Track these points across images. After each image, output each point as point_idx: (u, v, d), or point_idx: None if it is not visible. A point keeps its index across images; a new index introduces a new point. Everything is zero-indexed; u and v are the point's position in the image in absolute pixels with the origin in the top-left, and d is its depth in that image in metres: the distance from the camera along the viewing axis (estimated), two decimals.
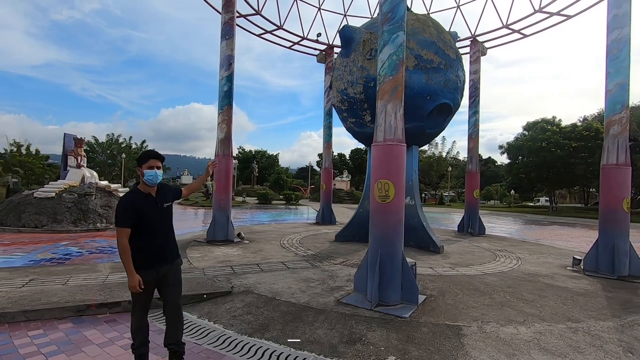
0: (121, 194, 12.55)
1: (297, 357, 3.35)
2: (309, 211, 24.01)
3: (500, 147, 36.97)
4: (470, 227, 12.51)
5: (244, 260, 7.01)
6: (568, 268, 7.35)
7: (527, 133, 33.12)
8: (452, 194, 48.15)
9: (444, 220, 20.35)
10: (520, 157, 33.17)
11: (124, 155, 40.36)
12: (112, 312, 4.36)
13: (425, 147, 43.53)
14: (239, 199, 28.40)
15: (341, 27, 8.64)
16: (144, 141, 48.70)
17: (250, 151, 63.18)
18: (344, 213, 19.70)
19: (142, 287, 2.63)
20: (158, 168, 2.77)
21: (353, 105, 8.72)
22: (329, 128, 14.67)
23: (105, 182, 12.53)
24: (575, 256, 7.53)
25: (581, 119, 35.80)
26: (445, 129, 9.51)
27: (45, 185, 11.52)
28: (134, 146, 46.97)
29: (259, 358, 3.33)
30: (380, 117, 4.69)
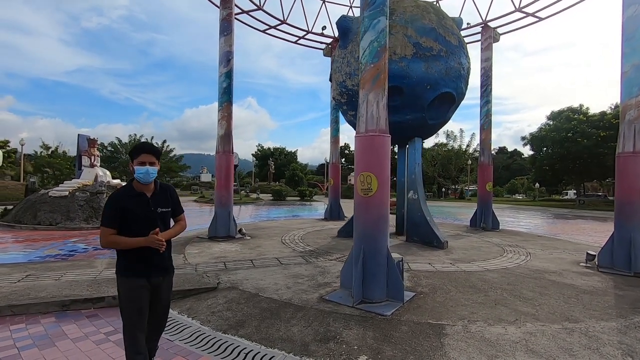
0: None
1: (265, 355, 3.26)
2: (324, 207, 23.88)
3: (523, 138, 35.45)
4: (483, 222, 12.03)
5: (239, 257, 6.99)
6: (581, 264, 6.90)
7: (551, 123, 31.55)
8: (474, 188, 46.76)
9: (459, 214, 19.73)
10: (544, 149, 31.66)
11: None
12: (95, 307, 4.41)
13: (444, 140, 42.40)
14: (253, 195, 28.67)
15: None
16: (164, 141, 49.94)
17: (269, 148, 63.71)
18: None
19: (159, 239, 2.32)
20: (151, 164, 2.39)
21: (352, 98, 8.50)
22: (336, 122, 14.46)
23: (117, 181, 12.89)
24: (589, 251, 7.05)
25: (612, 106, 33.70)
26: (465, 120, 9.13)
27: (60, 185, 11.98)
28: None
29: (227, 355, 3.26)
30: (362, 107, 4.49)
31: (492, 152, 12.43)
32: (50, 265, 6.06)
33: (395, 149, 10.99)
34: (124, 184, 11.82)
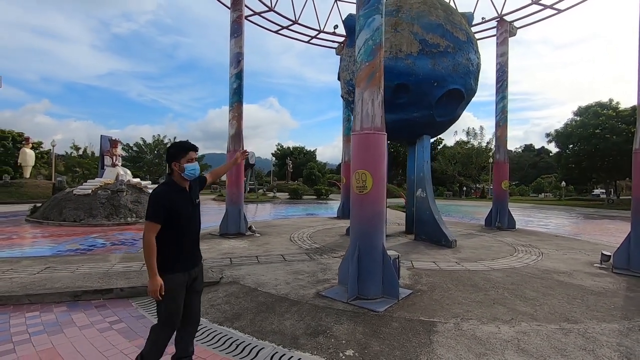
0: (150, 191, 13.39)
1: (256, 346, 3.37)
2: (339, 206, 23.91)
3: (548, 135, 34.05)
4: (498, 221, 11.73)
5: (246, 253, 7.17)
6: (595, 265, 6.66)
7: (577, 119, 30.19)
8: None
9: (477, 214, 19.25)
10: (571, 146, 30.34)
11: None
12: (104, 298, 4.67)
13: (464, 138, 41.40)
14: (270, 194, 29.04)
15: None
16: (186, 141, 51.29)
17: (288, 147, 64.15)
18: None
19: (162, 293, 2.34)
20: (196, 160, 2.60)
21: None
22: (348, 121, 14.47)
23: (137, 180, 13.43)
24: (604, 252, 6.77)
25: None
26: (487, 117, 8.96)
27: (83, 183, 12.63)
28: None
29: (219, 346, 3.40)
30: (358, 105, 4.53)
31: (519, 149, 12.05)
32: (68, 259, 6.43)
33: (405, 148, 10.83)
34: (144, 182, 12.21)
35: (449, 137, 78.98)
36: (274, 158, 62.19)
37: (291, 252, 7.26)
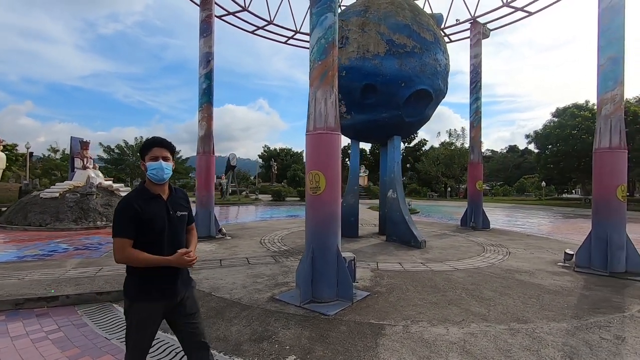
0: (123, 194, 13.04)
1: None
2: None
3: (527, 136, 34.76)
4: (473, 221, 11.82)
5: (211, 257, 7.00)
6: (559, 264, 6.73)
7: (555, 120, 30.88)
8: (486, 187, 46.01)
9: (456, 214, 19.42)
10: (550, 146, 30.99)
11: None
12: (49, 306, 4.45)
13: (447, 139, 41.86)
14: (252, 196, 28.78)
15: None
16: (155, 136, 50.58)
17: (275, 149, 63.79)
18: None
19: (187, 258, 1.99)
20: (165, 159, 2.06)
21: None
22: None
23: (108, 182, 13.08)
24: (567, 250, 6.86)
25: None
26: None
27: (51, 186, 12.22)
28: None
29: (158, 354, 3.26)
30: (311, 104, 4.44)
31: (504, 150, 12.18)
32: (21, 265, 6.16)
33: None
34: (116, 185, 11.86)
35: (434, 138, 79.90)
36: (260, 160, 61.75)
37: (257, 255, 7.13)
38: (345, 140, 9.69)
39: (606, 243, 6.11)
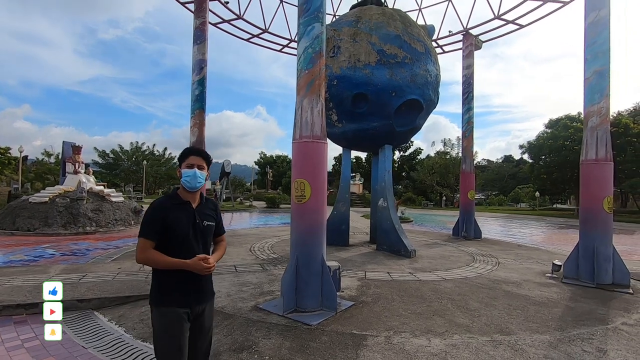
0: (114, 199, 12.95)
1: None
2: None
3: (521, 146, 35.06)
4: (465, 231, 11.84)
5: None
6: (547, 275, 6.73)
7: (549, 131, 31.19)
8: (481, 197, 46.12)
9: (449, 223, 19.44)
10: (543, 157, 31.25)
11: (145, 162, 42.15)
12: (28, 313, 4.37)
13: (442, 148, 42.13)
14: (247, 203, 28.66)
15: None
16: (165, 148, 50.57)
17: (271, 156, 63.79)
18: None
19: (205, 263, 2.01)
20: (200, 168, 2.13)
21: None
22: None
23: (99, 187, 12.97)
24: (556, 261, 6.86)
25: (615, 114, 33.09)
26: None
27: (41, 191, 12.10)
28: (156, 153, 49.07)
29: None
30: (297, 113, 4.46)
31: (499, 160, 12.28)
32: (4, 271, 6.05)
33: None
34: (107, 190, 11.74)
35: (430, 148, 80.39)
36: (256, 166, 61.63)
37: (245, 263, 7.07)
38: (338, 149, 9.69)
39: (593, 254, 6.13)
